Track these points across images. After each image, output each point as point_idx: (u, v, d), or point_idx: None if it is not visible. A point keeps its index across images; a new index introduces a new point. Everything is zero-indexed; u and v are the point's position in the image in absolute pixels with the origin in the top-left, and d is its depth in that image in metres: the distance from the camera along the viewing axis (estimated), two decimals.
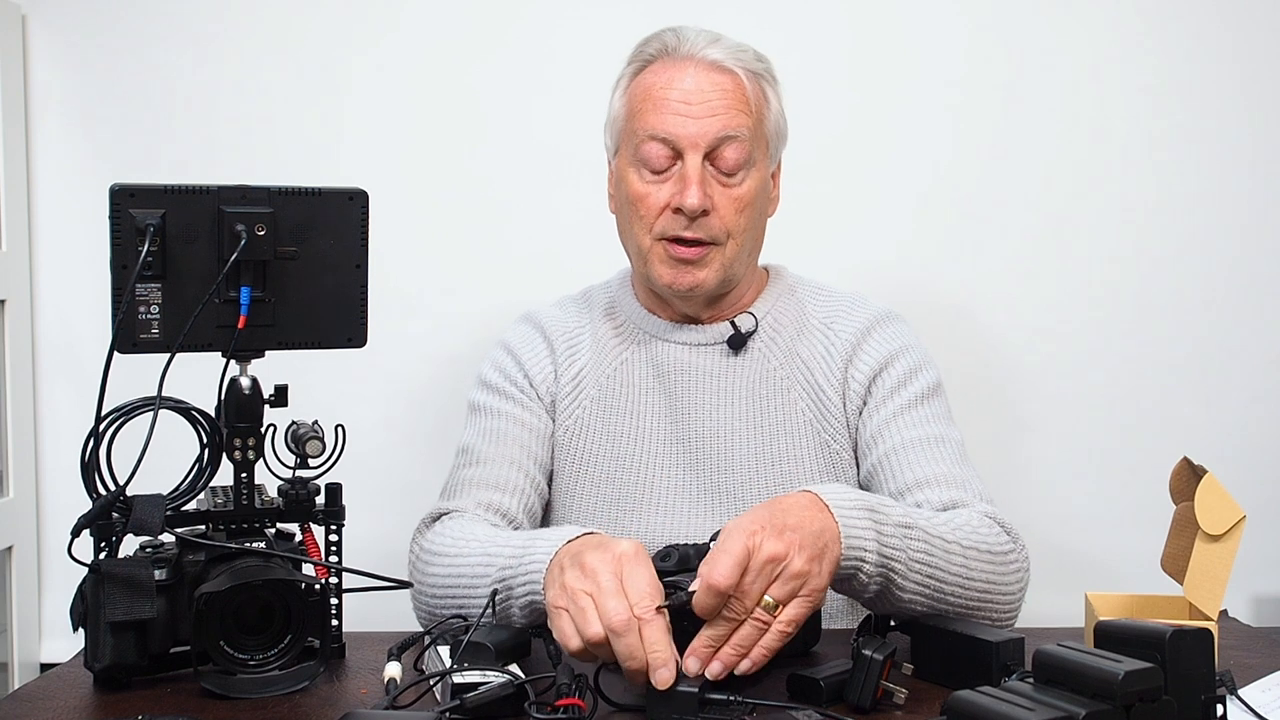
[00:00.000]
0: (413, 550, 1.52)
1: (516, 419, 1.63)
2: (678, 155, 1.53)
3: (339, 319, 1.33)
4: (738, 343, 1.62)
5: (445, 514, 1.53)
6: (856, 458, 1.60)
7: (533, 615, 1.30)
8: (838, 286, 1.72)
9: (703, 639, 1.17)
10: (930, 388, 1.60)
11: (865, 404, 1.60)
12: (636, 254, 1.59)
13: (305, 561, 1.32)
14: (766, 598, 1.16)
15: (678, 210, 1.53)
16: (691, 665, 1.16)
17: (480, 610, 1.31)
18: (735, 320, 1.63)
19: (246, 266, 1.26)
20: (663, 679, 1.12)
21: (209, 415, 1.29)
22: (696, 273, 1.55)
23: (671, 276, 1.56)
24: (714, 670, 1.16)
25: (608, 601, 1.15)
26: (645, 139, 1.54)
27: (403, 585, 1.37)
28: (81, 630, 1.25)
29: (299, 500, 1.33)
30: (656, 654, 1.13)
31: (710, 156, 1.53)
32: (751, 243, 1.60)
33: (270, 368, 1.32)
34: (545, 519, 1.66)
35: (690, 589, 1.16)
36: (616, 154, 1.62)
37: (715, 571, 1.14)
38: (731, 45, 1.58)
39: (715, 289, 1.58)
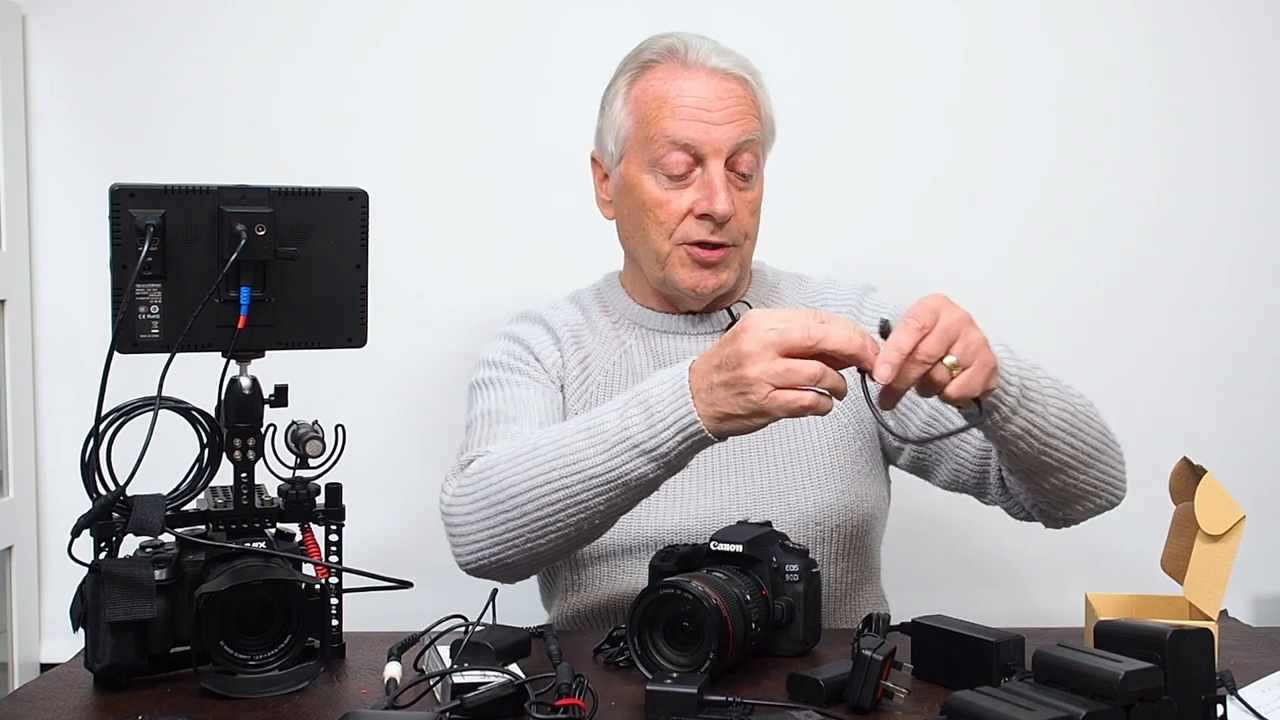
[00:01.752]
0: (449, 491, 1.45)
1: (532, 387, 1.61)
2: (698, 162, 1.55)
3: (339, 319, 1.33)
4: None
5: (480, 456, 1.47)
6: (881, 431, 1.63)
7: (689, 431, 1.26)
8: (809, 274, 1.74)
9: (892, 350, 1.18)
10: None
11: None
12: (652, 259, 1.59)
13: (305, 561, 1.32)
14: (950, 357, 1.19)
15: (702, 216, 1.54)
16: (883, 371, 1.18)
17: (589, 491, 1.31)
18: (732, 309, 1.65)
19: (246, 266, 1.27)
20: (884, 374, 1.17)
21: (209, 415, 1.29)
22: (720, 274, 1.58)
23: (695, 279, 1.57)
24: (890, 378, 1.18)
25: (792, 336, 1.18)
26: (665, 145, 1.54)
27: (403, 585, 1.37)
28: (81, 630, 1.25)
29: (299, 500, 1.33)
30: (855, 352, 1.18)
31: (727, 161, 1.55)
32: (756, 241, 1.63)
33: (270, 368, 1.32)
34: None
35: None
36: (621, 161, 1.61)
37: (914, 311, 1.20)
38: (729, 51, 1.60)
39: (730, 288, 1.61)
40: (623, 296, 1.70)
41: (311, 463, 1.33)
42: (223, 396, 1.29)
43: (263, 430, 1.30)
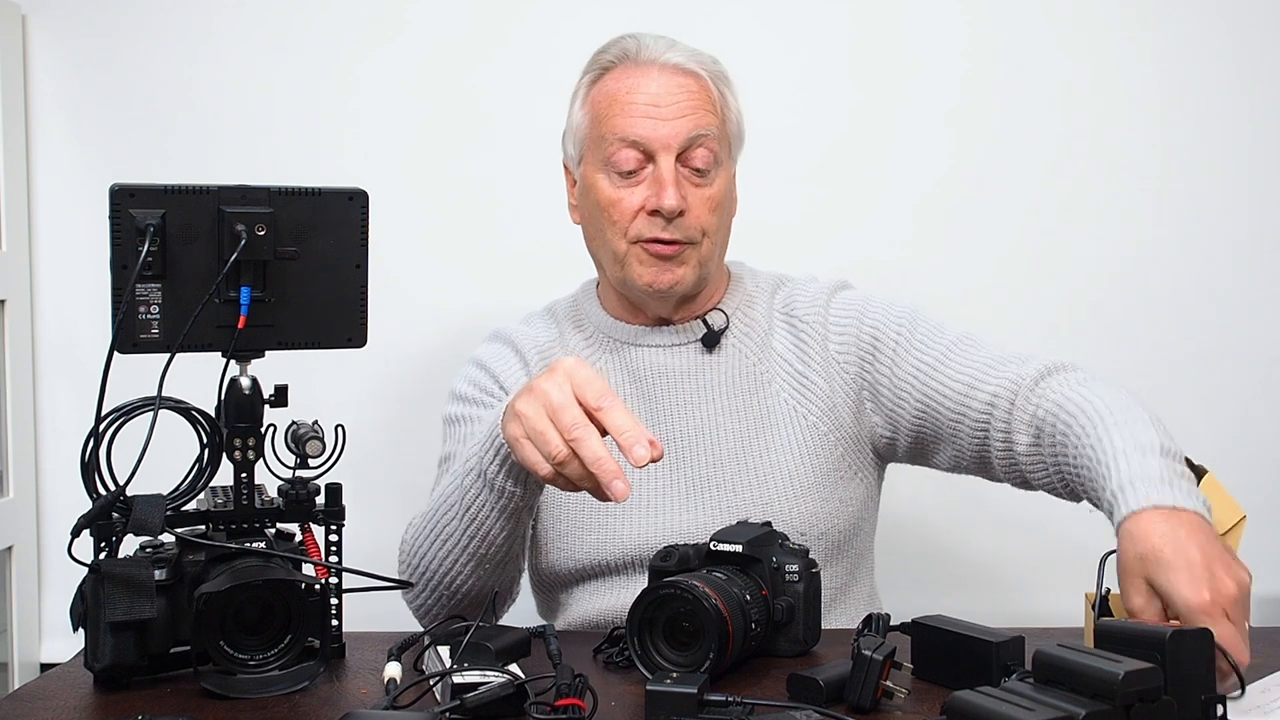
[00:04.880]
0: (400, 552, 1.52)
1: None
2: (649, 158, 1.54)
3: (339, 319, 1.33)
4: (711, 341, 1.63)
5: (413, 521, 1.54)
6: (862, 432, 1.61)
7: (500, 457, 1.33)
8: (792, 272, 1.73)
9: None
10: (909, 312, 1.61)
11: (866, 370, 1.60)
12: (612, 259, 1.59)
13: (305, 561, 1.32)
14: None
15: (653, 213, 1.54)
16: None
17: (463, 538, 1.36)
18: (707, 318, 1.64)
19: (246, 266, 1.27)
20: (640, 456, 1.16)
21: (209, 415, 1.28)
22: (675, 270, 1.56)
23: (652, 276, 1.56)
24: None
25: (563, 415, 1.18)
26: (615, 144, 1.54)
27: (403, 585, 1.37)
28: (81, 630, 1.25)
29: (299, 500, 1.33)
30: (627, 434, 1.17)
31: (681, 157, 1.54)
32: (722, 241, 1.62)
33: (270, 368, 1.32)
34: (532, 530, 1.63)
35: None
36: (580, 162, 1.61)
37: (1242, 653, 1.11)
38: (688, 49, 1.59)
39: (692, 287, 1.60)
40: (596, 308, 1.69)
41: (311, 463, 1.33)
42: (223, 396, 1.29)
43: (263, 430, 1.30)
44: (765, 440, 1.59)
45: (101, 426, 1.23)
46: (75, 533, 1.23)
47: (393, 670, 1.21)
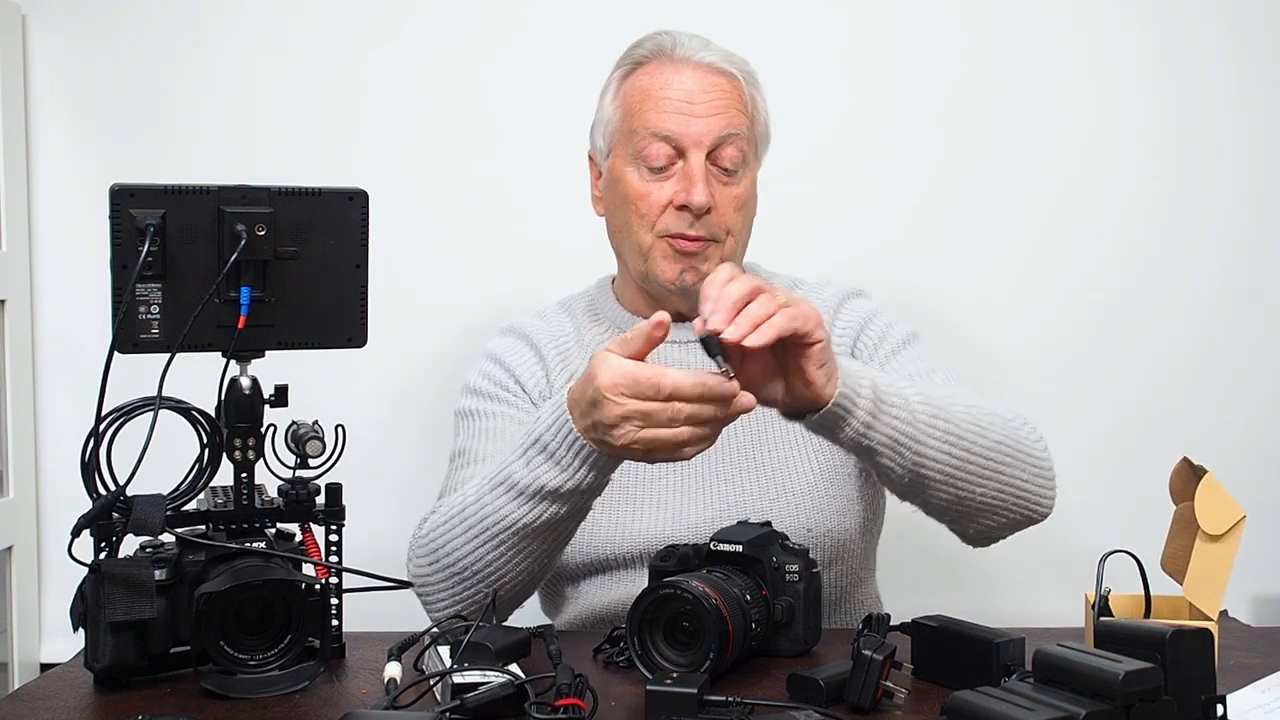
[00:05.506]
0: (414, 547, 1.49)
1: (511, 418, 1.62)
2: (679, 154, 1.55)
3: (339, 319, 1.33)
4: None
5: (434, 512, 1.52)
6: None
7: (594, 460, 1.30)
8: (805, 276, 1.73)
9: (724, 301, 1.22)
10: (908, 335, 1.64)
11: None
12: (636, 253, 1.59)
13: (305, 561, 1.32)
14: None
15: (681, 208, 1.54)
16: (715, 322, 1.20)
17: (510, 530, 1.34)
18: None
19: (246, 266, 1.27)
20: (735, 392, 1.22)
21: (209, 415, 1.29)
22: (700, 266, 1.56)
23: (675, 272, 1.57)
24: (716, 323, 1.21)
25: (659, 416, 1.20)
26: (647, 137, 1.55)
27: (403, 585, 1.37)
28: (81, 630, 1.25)
29: (299, 500, 1.33)
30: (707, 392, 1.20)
31: (710, 156, 1.55)
32: (744, 242, 1.63)
33: (270, 368, 1.32)
34: None
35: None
36: (609, 155, 1.62)
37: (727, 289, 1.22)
38: (722, 49, 1.60)
39: None
40: (613, 303, 1.70)
41: (311, 463, 1.33)
42: (223, 396, 1.29)
43: (263, 430, 1.30)
44: (774, 436, 1.60)
45: (101, 426, 1.23)
46: (75, 533, 1.23)
47: (393, 670, 1.21)
